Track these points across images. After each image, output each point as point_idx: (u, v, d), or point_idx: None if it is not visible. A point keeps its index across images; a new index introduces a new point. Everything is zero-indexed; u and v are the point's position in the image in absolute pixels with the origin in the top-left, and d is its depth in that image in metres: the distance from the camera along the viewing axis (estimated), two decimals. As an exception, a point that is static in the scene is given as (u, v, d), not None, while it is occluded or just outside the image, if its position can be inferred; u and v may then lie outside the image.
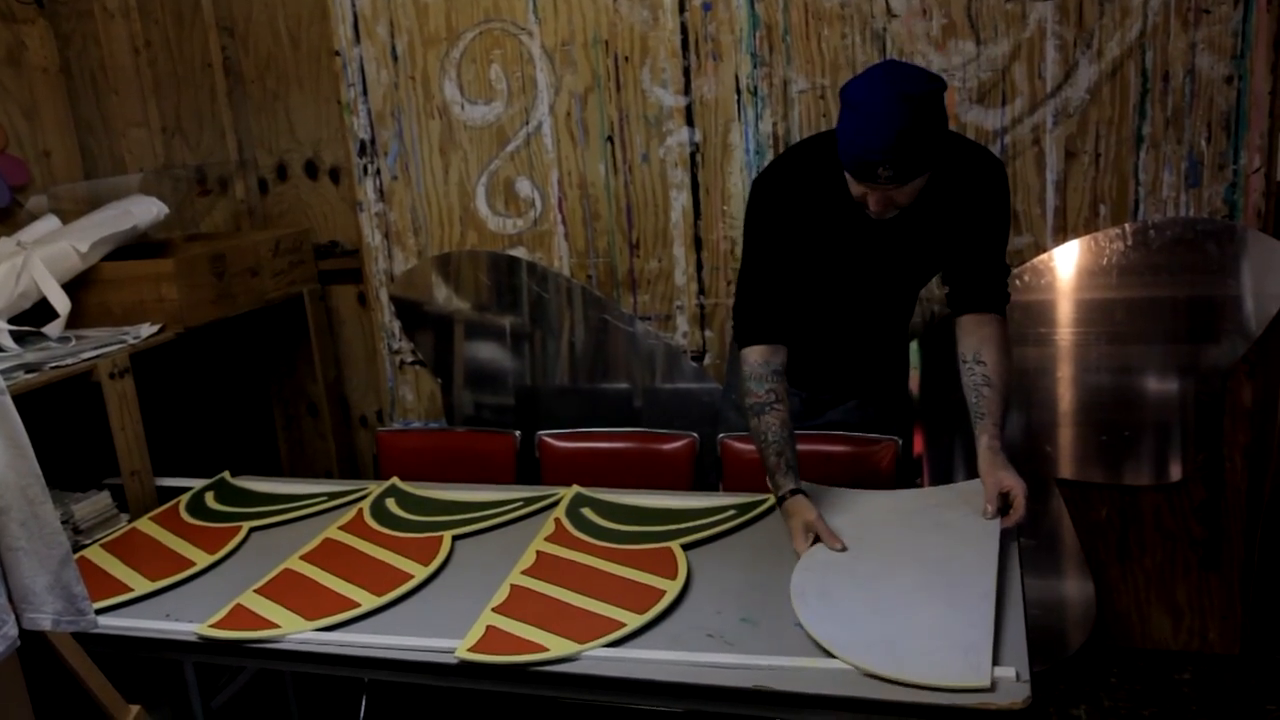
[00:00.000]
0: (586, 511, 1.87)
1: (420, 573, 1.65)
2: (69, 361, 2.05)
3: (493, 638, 1.44)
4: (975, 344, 1.77)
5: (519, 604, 1.53)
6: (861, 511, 1.73)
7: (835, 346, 1.99)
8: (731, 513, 1.83)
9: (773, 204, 1.80)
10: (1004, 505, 1.65)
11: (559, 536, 1.77)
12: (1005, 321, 1.80)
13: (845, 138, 1.61)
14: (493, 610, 1.51)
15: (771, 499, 1.79)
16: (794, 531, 1.66)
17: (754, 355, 1.79)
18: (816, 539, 1.64)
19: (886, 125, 1.53)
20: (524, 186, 2.67)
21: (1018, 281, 2.35)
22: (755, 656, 1.35)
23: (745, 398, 1.79)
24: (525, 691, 1.44)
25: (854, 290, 1.90)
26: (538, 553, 1.70)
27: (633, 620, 1.45)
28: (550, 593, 1.56)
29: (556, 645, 1.40)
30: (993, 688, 1.23)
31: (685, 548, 1.69)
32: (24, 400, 1.28)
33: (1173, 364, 2.30)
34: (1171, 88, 2.22)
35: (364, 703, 2.13)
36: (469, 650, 1.40)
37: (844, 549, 1.62)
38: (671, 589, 1.53)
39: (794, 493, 1.70)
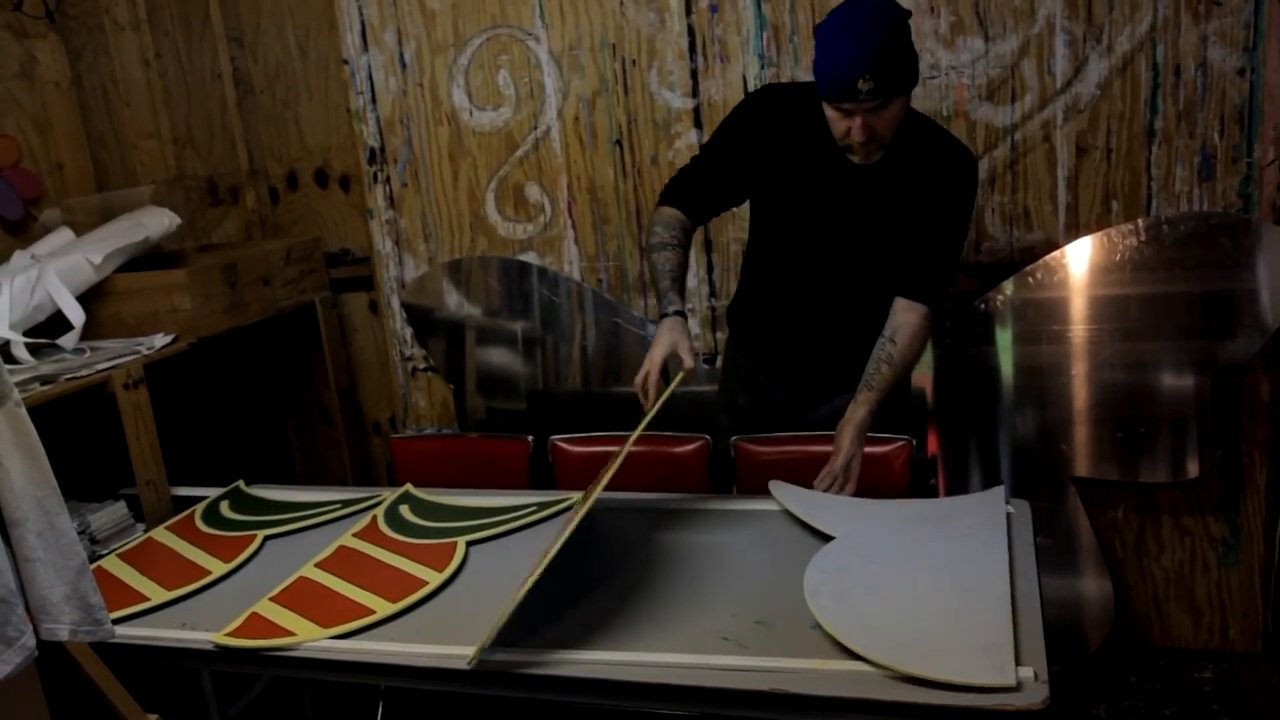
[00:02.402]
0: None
1: (435, 579, 1.65)
2: (84, 373, 2.06)
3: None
4: (895, 325, 1.85)
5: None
6: (873, 520, 1.72)
7: (806, 328, 2.00)
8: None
9: (751, 115, 1.90)
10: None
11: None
12: (930, 317, 1.86)
13: (823, 63, 1.69)
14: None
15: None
16: (655, 346, 1.75)
17: (670, 210, 1.91)
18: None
19: (864, 38, 1.63)
20: (533, 191, 2.67)
21: (1030, 279, 2.33)
22: (771, 659, 1.34)
23: (651, 239, 1.89)
24: (538, 697, 1.44)
25: (819, 254, 1.93)
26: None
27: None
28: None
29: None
30: (1019, 687, 1.22)
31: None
32: (40, 412, 1.29)
33: (1188, 359, 2.28)
34: (1183, 81, 2.20)
35: (380, 709, 2.13)
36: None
37: (692, 369, 1.73)
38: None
39: (677, 313, 1.80)
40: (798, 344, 2.02)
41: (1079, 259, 2.31)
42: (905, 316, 1.85)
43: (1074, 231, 2.34)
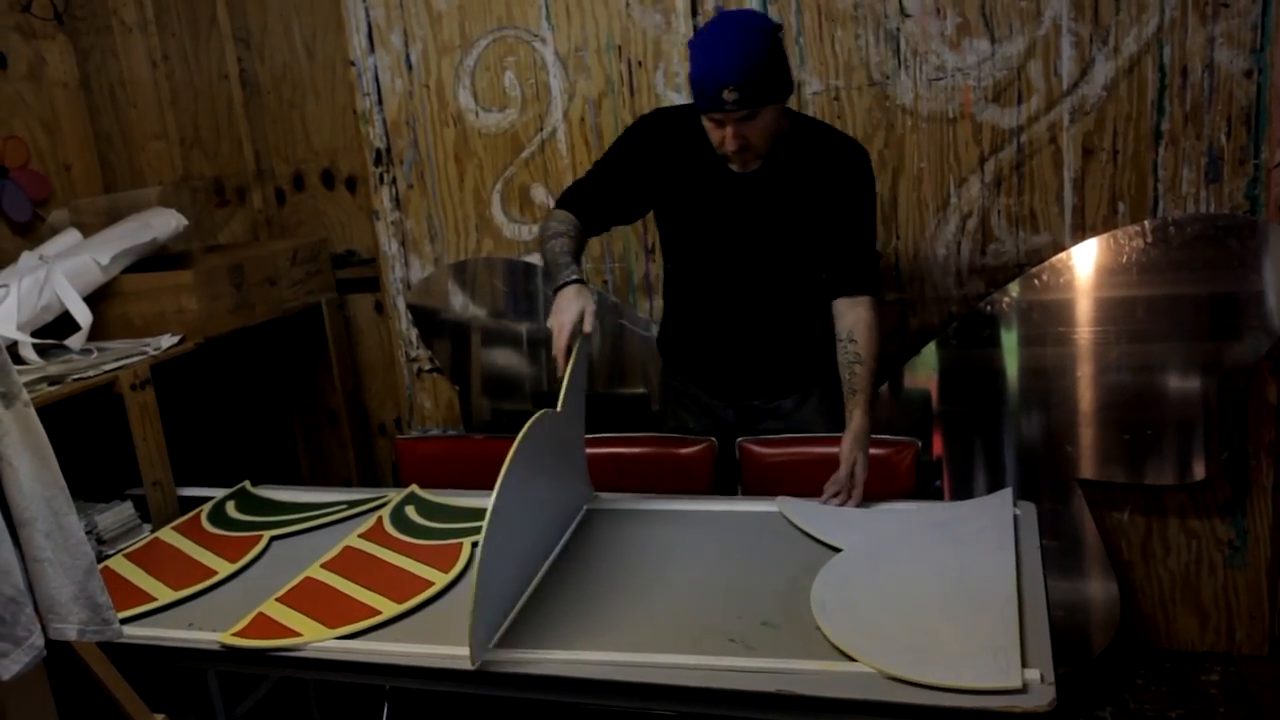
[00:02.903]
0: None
1: (440, 580, 1.65)
2: (91, 373, 2.06)
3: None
4: (849, 325, 1.88)
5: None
6: (878, 530, 1.72)
7: (736, 341, 2.03)
8: None
9: (641, 138, 1.97)
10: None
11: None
12: (877, 304, 1.89)
13: (693, 74, 1.76)
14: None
15: None
16: (562, 309, 1.75)
17: (566, 213, 1.95)
18: None
19: (729, 50, 1.70)
20: (539, 193, 2.68)
21: (1036, 281, 2.33)
22: (777, 660, 1.34)
23: (544, 233, 1.92)
24: (544, 698, 1.44)
25: (731, 267, 1.98)
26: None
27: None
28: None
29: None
30: (1025, 689, 1.22)
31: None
32: (47, 412, 1.29)
33: (1195, 362, 2.27)
34: (1190, 83, 2.20)
35: (385, 710, 2.13)
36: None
37: (589, 334, 1.74)
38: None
39: (575, 281, 1.81)
40: (732, 358, 2.06)
41: (1085, 261, 2.30)
42: (854, 313, 1.88)
43: (1080, 233, 2.33)
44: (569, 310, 1.75)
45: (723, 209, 1.92)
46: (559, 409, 1.69)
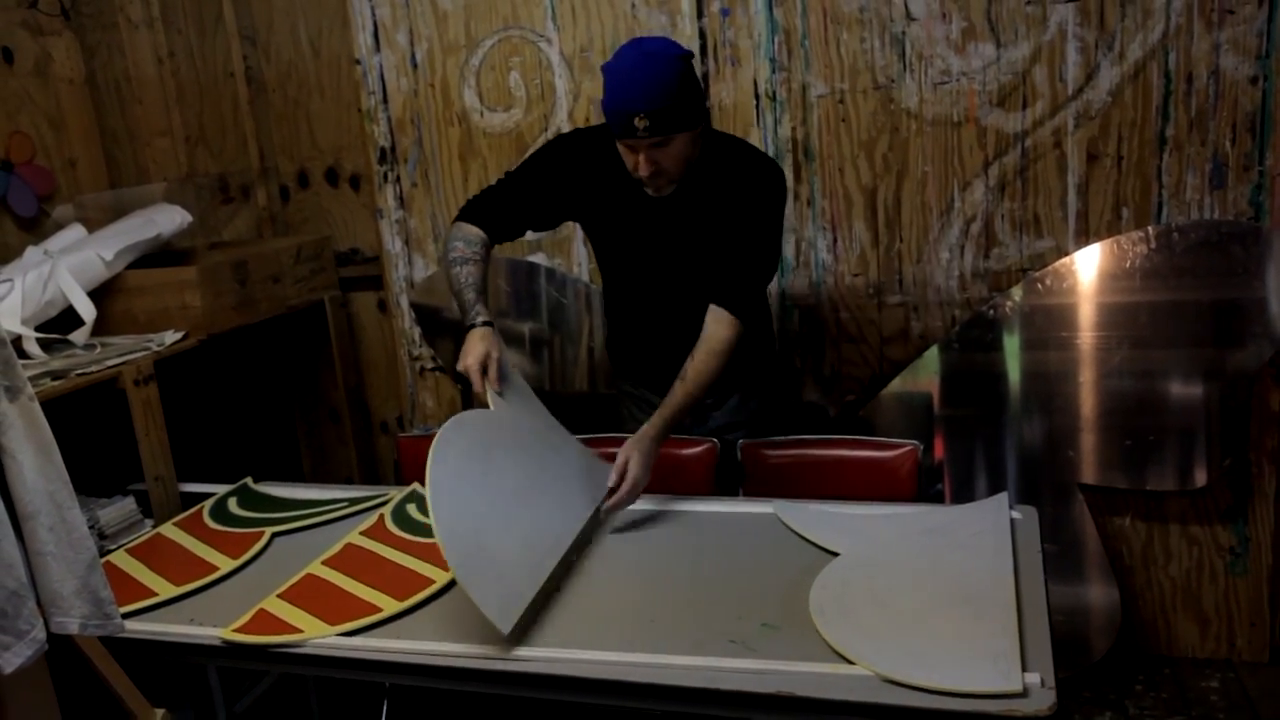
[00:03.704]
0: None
1: (442, 577, 1.65)
2: (94, 368, 2.07)
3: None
4: (700, 339, 1.87)
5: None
6: (876, 533, 1.72)
7: (673, 347, 2.01)
8: None
9: (558, 154, 1.99)
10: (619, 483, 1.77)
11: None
12: (734, 323, 1.86)
13: (606, 102, 1.77)
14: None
15: None
16: (469, 351, 1.79)
17: (469, 227, 1.97)
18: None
19: (636, 79, 1.72)
20: (543, 193, 2.67)
21: (1039, 286, 2.33)
22: (777, 662, 1.34)
23: (450, 253, 1.94)
24: (544, 696, 1.44)
25: (656, 278, 2.00)
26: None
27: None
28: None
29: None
30: (1025, 693, 1.22)
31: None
32: (50, 407, 1.29)
33: (1197, 368, 2.27)
34: (1195, 89, 2.20)
35: (385, 707, 2.14)
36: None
37: (500, 393, 1.78)
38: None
39: (486, 323, 1.85)
40: (666, 363, 2.04)
41: (1088, 266, 2.30)
42: (708, 328, 1.86)
43: (1084, 238, 2.33)
44: (474, 354, 1.80)
45: (640, 231, 1.95)
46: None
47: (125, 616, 1.46)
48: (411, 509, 1.98)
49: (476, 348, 1.81)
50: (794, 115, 2.44)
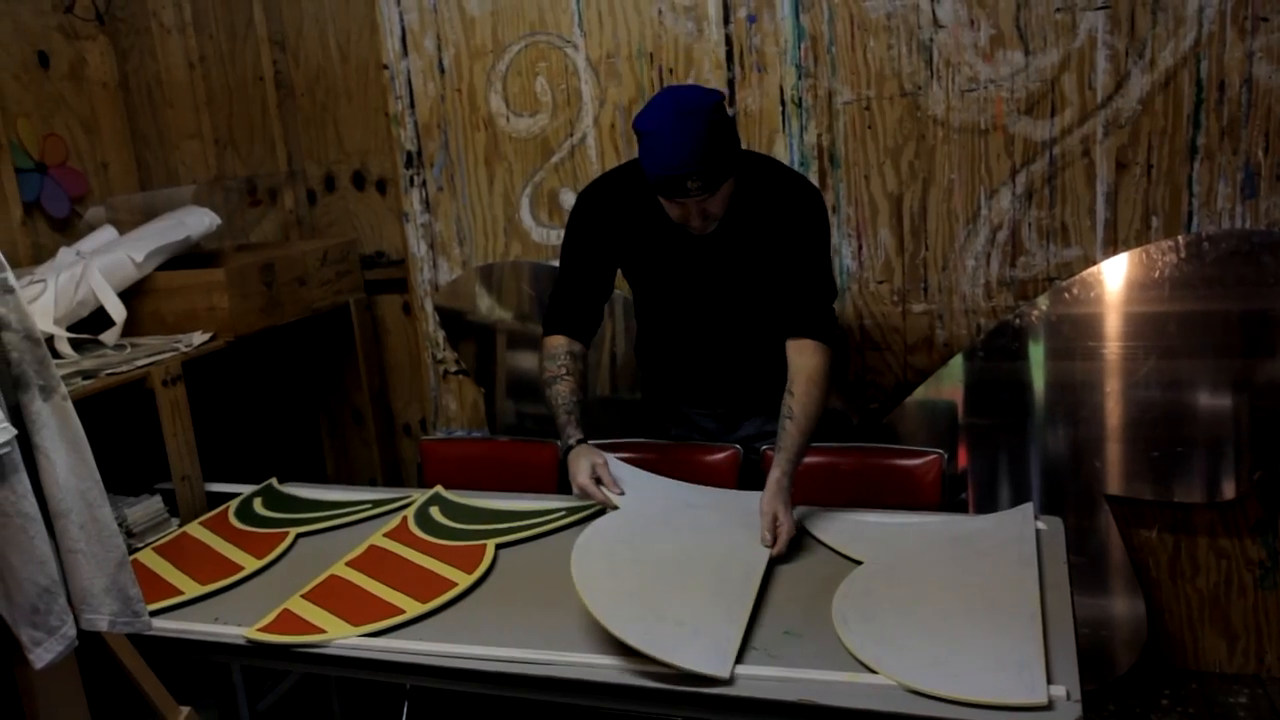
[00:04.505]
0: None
1: (464, 580, 1.66)
2: (124, 369, 2.09)
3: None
4: (792, 373, 1.82)
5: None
6: (899, 542, 1.71)
7: (707, 365, 2.06)
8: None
9: (590, 214, 1.98)
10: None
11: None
12: (823, 349, 1.83)
13: (649, 165, 1.73)
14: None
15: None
16: (577, 471, 1.86)
17: (554, 341, 2.01)
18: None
19: (681, 142, 1.67)
20: (568, 198, 2.69)
21: (1065, 295, 2.31)
22: (799, 670, 1.34)
23: (542, 374, 2.00)
24: (563, 700, 1.44)
25: (696, 303, 2.00)
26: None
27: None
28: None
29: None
30: (1050, 705, 1.20)
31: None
32: (80, 406, 1.31)
33: (1227, 379, 2.24)
34: (1227, 97, 2.18)
35: (406, 708, 2.15)
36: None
37: (622, 493, 1.82)
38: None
39: (581, 442, 1.91)
40: (705, 378, 2.08)
41: (1116, 275, 2.28)
42: (799, 360, 1.83)
43: (1112, 248, 2.31)
44: (582, 471, 1.85)
45: (684, 267, 1.95)
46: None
47: (151, 614, 1.47)
48: (434, 512, 1.99)
49: (581, 465, 1.86)
50: (820, 122, 2.44)
